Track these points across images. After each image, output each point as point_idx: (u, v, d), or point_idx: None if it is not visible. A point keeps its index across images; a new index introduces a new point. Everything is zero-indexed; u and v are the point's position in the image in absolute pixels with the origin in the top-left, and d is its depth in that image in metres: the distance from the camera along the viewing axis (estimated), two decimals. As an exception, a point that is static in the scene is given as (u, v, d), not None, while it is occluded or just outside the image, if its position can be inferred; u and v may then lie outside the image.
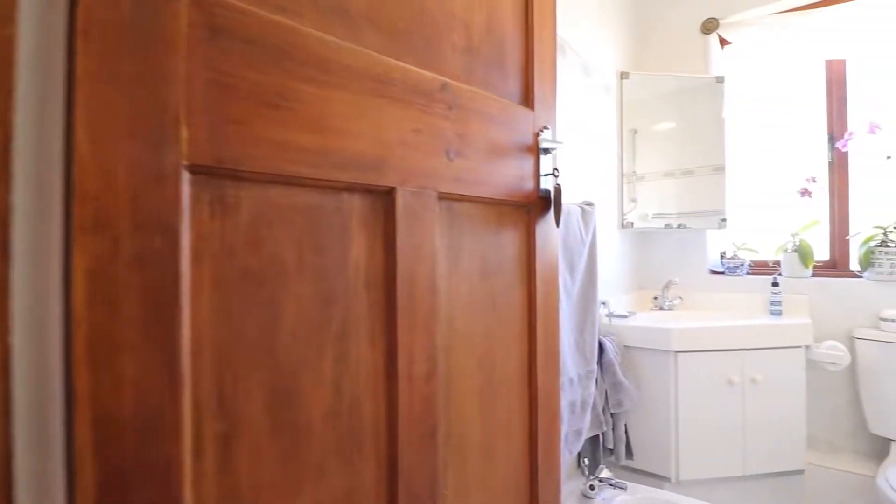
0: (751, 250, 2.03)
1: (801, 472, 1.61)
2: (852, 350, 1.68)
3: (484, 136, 0.78)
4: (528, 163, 0.87)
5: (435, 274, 0.69)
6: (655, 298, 2.04)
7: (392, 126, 0.63)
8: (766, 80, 2.10)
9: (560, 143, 0.89)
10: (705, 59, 2.08)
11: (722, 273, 2.07)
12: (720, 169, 2.00)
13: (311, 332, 0.55)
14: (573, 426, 1.22)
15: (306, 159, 0.54)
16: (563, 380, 1.20)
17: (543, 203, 0.90)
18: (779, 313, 1.80)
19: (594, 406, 1.39)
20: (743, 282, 2.00)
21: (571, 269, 1.27)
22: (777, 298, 1.81)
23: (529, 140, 0.87)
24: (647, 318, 1.79)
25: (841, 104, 1.91)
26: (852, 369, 1.72)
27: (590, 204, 1.39)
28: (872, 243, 1.75)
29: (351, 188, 0.59)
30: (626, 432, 1.53)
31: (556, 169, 0.90)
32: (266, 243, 0.52)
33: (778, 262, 1.97)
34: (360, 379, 0.60)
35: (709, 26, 2.08)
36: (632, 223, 1.95)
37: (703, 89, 2.02)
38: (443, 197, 0.71)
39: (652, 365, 1.55)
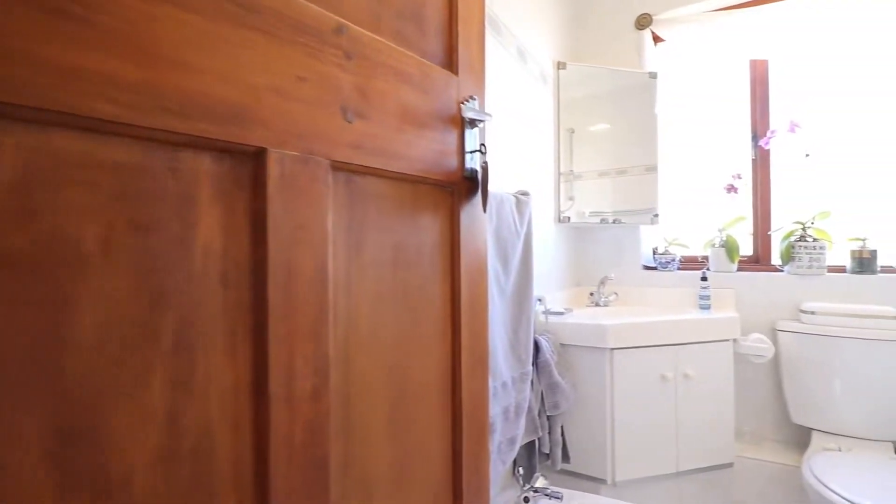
0: (681, 245, 2.06)
1: (730, 465, 1.62)
2: (775, 342, 1.73)
3: (395, 97, 0.64)
4: (452, 136, 0.75)
5: (327, 264, 0.54)
6: (591, 294, 2.01)
7: (263, 67, 0.48)
8: (696, 78, 2.13)
9: (488, 115, 0.77)
10: (639, 55, 2.08)
11: (654, 268, 2.08)
12: (653, 167, 2.01)
13: (127, 346, 0.39)
14: (507, 434, 1.12)
15: (119, 97, 0.38)
16: (496, 384, 1.09)
17: (469, 184, 0.78)
18: (708, 307, 1.82)
19: (529, 410, 1.30)
20: (674, 277, 2.02)
21: (505, 262, 1.17)
22: (706, 293, 1.83)
23: (453, 109, 0.74)
24: (583, 315, 1.74)
25: (764, 103, 1.97)
26: (775, 361, 1.77)
27: (525, 193, 1.30)
28: (793, 238, 1.81)
29: (196, 144, 0.44)
30: (562, 435, 1.46)
31: (482, 145, 0.79)
32: (45, 214, 0.35)
33: (707, 258, 2.00)
34: (212, 406, 0.44)
35: (642, 21, 2.08)
36: (568, 217, 1.90)
37: (637, 85, 2.01)
38: (339, 167, 0.57)
39: (588, 363, 1.49)
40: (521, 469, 1.25)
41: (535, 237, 1.75)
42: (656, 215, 2.00)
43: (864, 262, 1.72)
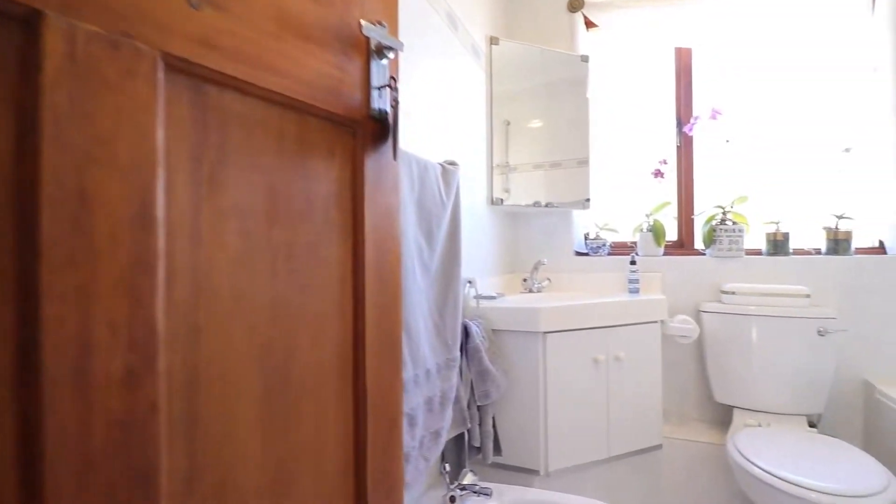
0: (612, 230, 2.06)
1: (658, 447, 1.62)
2: (699, 323, 1.76)
3: (270, -9, 0.49)
4: (354, 65, 0.61)
5: (154, 198, 0.39)
6: (525, 280, 1.95)
7: None
8: (627, 65, 2.14)
9: (399, 42, 0.64)
10: (572, 38, 2.05)
11: (586, 254, 2.06)
12: (585, 151, 1.98)
13: None
14: (431, 427, 1.00)
15: None
16: (418, 372, 0.97)
17: (377, 127, 0.64)
18: (637, 291, 1.82)
19: (457, 400, 1.19)
20: (605, 262, 2.01)
21: (429, 235, 1.05)
22: (635, 276, 1.83)
23: (353, 27, 0.60)
24: (515, 300, 1.67)
25: (688, 90, 2.01)
26: (699, 342, 1.80)
27: (452, 163, 1.19)
28: (714, 222, 1.85)
29: None
30: (493, 426, 1.37)
31: (393, 79, 0.66)
32: None
33: (636, 243, 2.01)
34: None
35: (575, 4, 2.05)
36: (501, 199, 1.82)
37: (570, 68, 1.98)
38: (178, 67, 0.41)
39: (521, 349, 1.42)
40: (447, 465, 1.14)
41: (467, 219, 1.66)
42: (588, 200, 1.98)
43: (779, 245, 1.79)
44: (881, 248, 1.75)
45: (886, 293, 1.66)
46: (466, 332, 1.29)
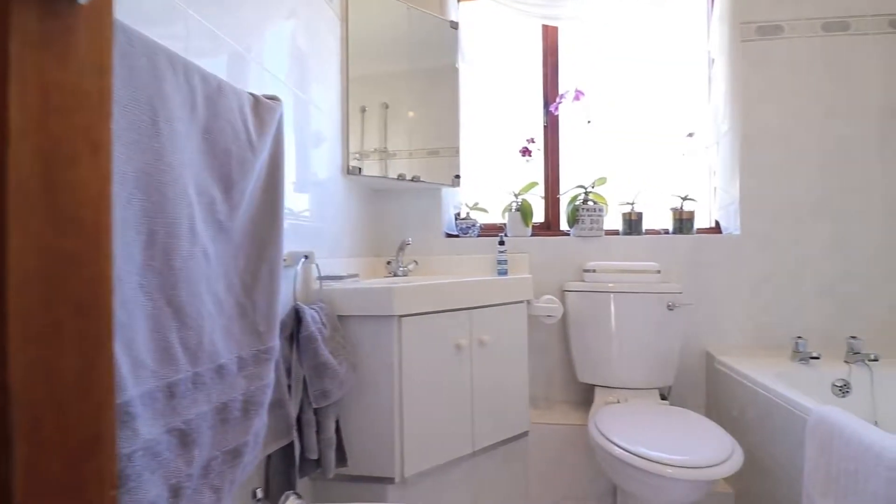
0: (482, 210, 1.95)
1: (525, 434, 1.53)
2: (563, 303, 1.72)
3: None
4: None
5: None
6: (389, 263, 1.75)
7: None
8: (498, 40, 2.06)
9: None
10: (441, 5, 1.89)
11: (457, 236, 1.93)
12: (455, 124, 1.84)
13: None
14: (225, 444, 0.73)
15: None
16: (202, 369, 0.70)
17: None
18: (505, 272, 1.73)
19: (279, 404, 0.93)
20: (475, 243, 1.90)
21: (227, 184, 0.77)
22: (503, 257, 1.73)
23: None
24: (371, 282, 1.45)
25: (554, 70, 1.99)
26: (563, 322, 1.77)
27: (273, 98, 0.92)
28: (577, 202, 1.84)
29: None
30: (337, 432, 1.13)
31: None
32: None
33: (506, 224, 1.93)
34: None
35: (443, -33, 1.90)
36: (359, 168, 1.59)
37: (438, 32, 1.82)
38: None
39: (372, 336, 1.20)
40: (259, 491, 0.88)
41: (318, 190, 1.40)
42: (457, 177, 1.84)
43: (633, 224, 1.84)
44: (717, 228, 1.89)
45: (722, 270, 1.78)
46: (299, 318, 1.04)
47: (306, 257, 1.11)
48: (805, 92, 1.75)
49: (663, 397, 1.66)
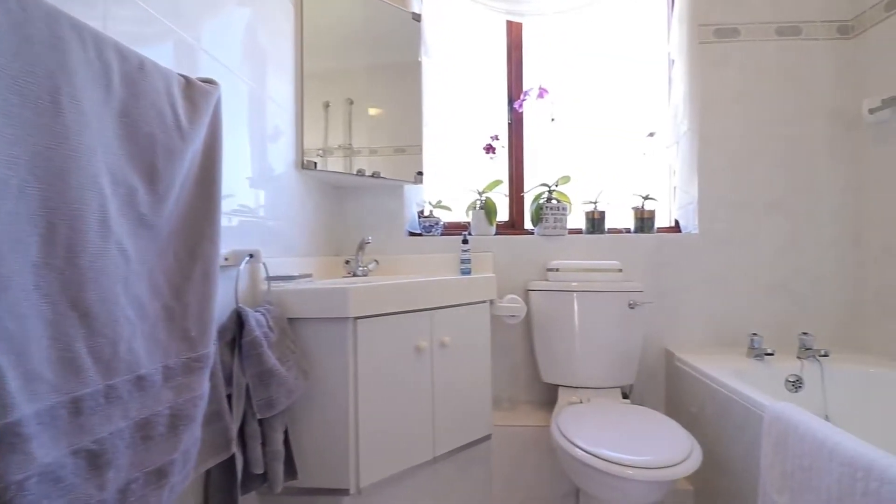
0: (445, 208, 1.91)
1: (488, 437, 1.49)
2: (527, 302, 1.70)
3: None
4: None
5: None
6: (348, 262, 1.68)
7: None
8: (462, 33, 2.01)
9: None
10: (402, -4, 1.84)
11: (420, 234, 1.88)
12: (418, 119, 1.79)
13: None
14: (146, 464, 0.65)
15: None
16: (117, 381, 0.62)
17: None
18: (468, 272, 1.69)
19: (216, 416, 0.85)
20: (439, 242, 1.85)
21: (151, 174, 0.69)
22: (466, 256, 1.69)
23: None
24: (326, 283, 1.38)
25: (518, 67, 1.96)
26: (527, 322, 1.74)
27: (208, 81, 0.84)
28: (541, 201, 1.82)
29: None
30: (285, 443, 1.06)
31: None
32: None
33: (470, 223, 1.89)
34: None
35: (405, -42, 1.84)
36: (314, 163, 1.51)
37: (399, 23, 1.76)
38: None
39: (326, 340, 1.13)
40: (190, 513, 0.80)
41: (272, 186, 1.31)
42: (420, 173, 1.78)
43: (596, 223, 1.84)
44: (677, 227, 1.91)
45: (682, 268, 1.80)
46: (241, 321, 0.96)
47: (251, 256, 1.03)
48: (760, 94, 1.79)
49: (625, 396, 1.66)
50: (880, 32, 1.64)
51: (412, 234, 1.90)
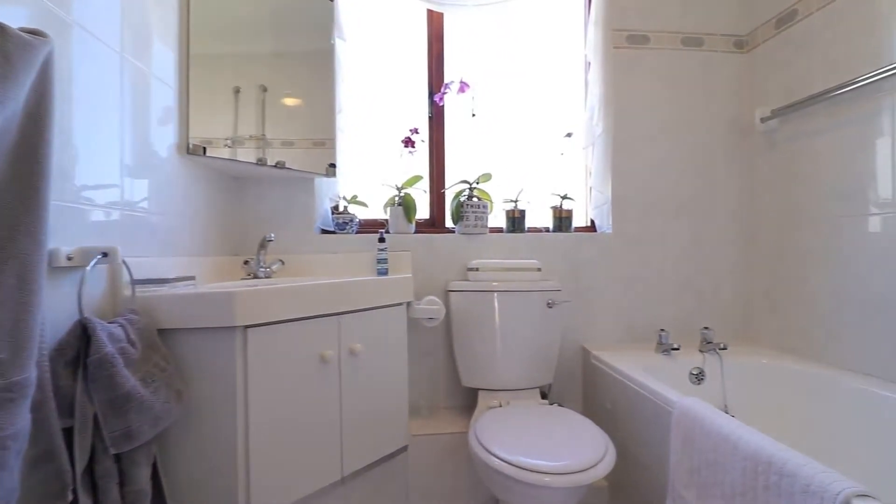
0: (361, 204, 1.78)
1: (404, 449, 1.39)
2: (447, 304, 1.63)
3: None
4: None
5: None
6: (247, 263, 1.49)
7: None
8: (381, 19, 1.90)
9: None
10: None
11: (333, 232, 1.73)
12: (330, 104, 1.64)
13: None
14: None
15: None
16: None
17: None
18: (385, 272, 1.58)
19: (45, 457, 0.67)
20: (354, 241, 1.72)
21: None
22: (383, 256, 1.58)
23: None
24: (213, 286, 1.20)
25: (439, 59, 1.89)
26: (447, 324, 1.67)
27: (35, 33, 0.66)
28: (462, 198, 1.76)
29: None
30: (154, 478, 0.88)
31: None
32: None
33: (387, 220, 1.78)
34: None
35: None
36: (202, 148, 1.31)
37: (311, 3, 1.61)
38: None
39: (208, 354, 0.97)
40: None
41: (151, 175, 1.11)
42: (333, 166, 1.64)
43: (516, 222, 1.81)
44: (593, 227, 1.94)
45: (597, 267, 1.83)
46: (87, 336, 0.77)
47: (105, 255, 0.84)
48: (668, 101, 1.87)
49: (544, 396, 1.65)
50: (771, 47, 1.77)
51: (325, 231, 1.75)
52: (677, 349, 1.68)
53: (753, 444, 0.91)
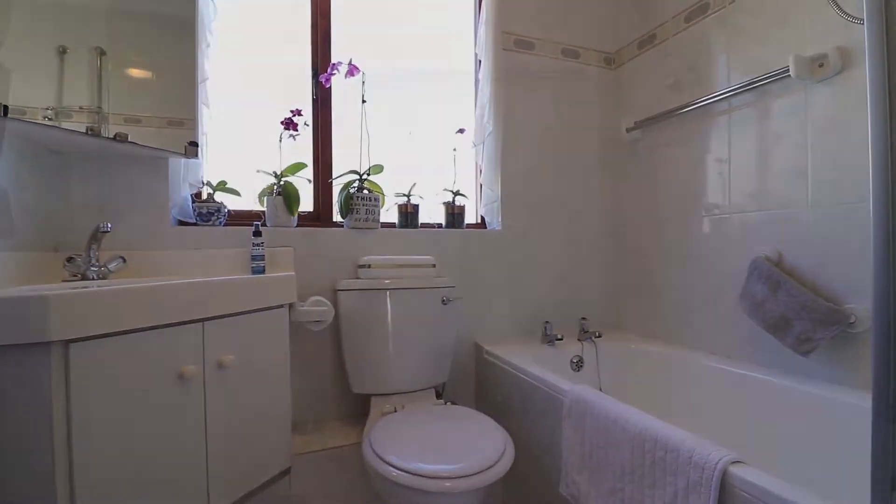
0: (232, 192, 1.54)
1: (287, 472, 1.22)
2: (336, 304, 1.48)
3: None
4: None
5: None
6: (71, 260, 1.17)
7: None
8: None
9: None
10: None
11: (194, 223, 1.47)
12: (192, 75, 1.38)
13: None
14: None
15: None
16: None
17: None
18: (262, 270, 1.38)
19: None
20: (221, 234, 1.47)
21: None
22: (259, 252, 1.38)
23: None
24: (8, 290, 0.91)
25: (326, 37, 1.72)
26: (336, 327, 1.52)
27: None
28: (351, 189, 1.63)
29: None
30: None
31: None
32: None
33: (265, 212, 1.57)
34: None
35: None
36: (5, 108, 0.98)
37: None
38: None
39: (10, 380, 0.71)
40: None
41: None
42: (194, 144, 1.38)
43: (409, 217, 1.74)
44: (483, 224, 1.96)
45: (488, 263, 1.85)
46: None
47: None
48: (550, 106, 1.97)
49: (438, 395, 1.60)
50: (634, 66, 1.98)
51: (182, 223, 1.47)
52: (560, 339, 1.77)
53: (640, 424, 0.96)
